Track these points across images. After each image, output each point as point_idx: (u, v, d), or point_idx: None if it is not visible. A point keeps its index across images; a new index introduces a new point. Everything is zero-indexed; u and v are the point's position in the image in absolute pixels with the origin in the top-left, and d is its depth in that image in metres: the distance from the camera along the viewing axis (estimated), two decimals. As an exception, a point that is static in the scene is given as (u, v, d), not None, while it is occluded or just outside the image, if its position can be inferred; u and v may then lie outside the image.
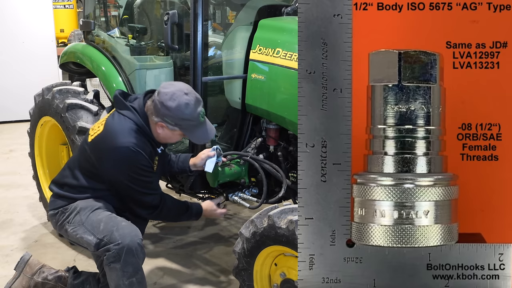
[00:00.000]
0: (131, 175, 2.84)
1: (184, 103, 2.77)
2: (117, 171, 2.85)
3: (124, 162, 2.81)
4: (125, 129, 2.83)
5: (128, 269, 2.74)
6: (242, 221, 4.56)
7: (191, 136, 2.98)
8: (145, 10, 4.43)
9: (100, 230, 2.79)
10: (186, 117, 2.80)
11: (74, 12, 11.99)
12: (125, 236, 2.74)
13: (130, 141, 2.79)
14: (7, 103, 8.56)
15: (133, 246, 2.74)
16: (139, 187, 2.89)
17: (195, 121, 2.84)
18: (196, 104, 2.82)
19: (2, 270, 3.78)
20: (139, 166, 2.83)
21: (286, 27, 3.30)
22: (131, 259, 2.74)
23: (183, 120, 2.81)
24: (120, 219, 2.86)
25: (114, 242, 2.73)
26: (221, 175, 3.28)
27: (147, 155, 2.85)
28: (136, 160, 2.81)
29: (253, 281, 2.81)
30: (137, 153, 2.79)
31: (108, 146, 2.83)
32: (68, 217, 2.93)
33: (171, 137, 2.95)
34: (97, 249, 2.79)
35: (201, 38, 3.26)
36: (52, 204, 3.03)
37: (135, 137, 2.82)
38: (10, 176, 5.95)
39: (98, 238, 2.78)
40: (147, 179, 2.90)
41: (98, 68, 4.17)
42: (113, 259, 2.73)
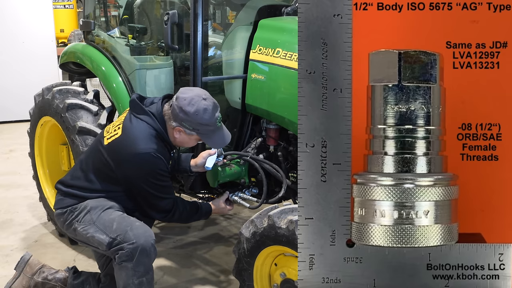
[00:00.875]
0: (150, 180, 2.87)
1: (202, 108, 2.81)
2: (136, 176, 2.88)
3: (145, 168, 2.85)
4: (145, 135, 2.86)
5: (139, 268, 2.75)
6: (242, 221, 4.57)
7: (208, 141, 3.01)
8: (145, 10, 4.42)
9: (113, 230, 2.79)
10: (204, 122, 2.83)
11: (74, 12, 12.00)
12: (139, 236, 2.75)
13: (151, 147, 2.83)
14: (7, 103, 8.56)
15: (147, 246, 2.75)
16: (157, 191, 2.92)
17: (213, 126, 2.87)
18: (214, 110, 2.85)
19: (2, 270, 3.78)
20: (158, 171, 2.87)
21: (286, 27, 3.29)
22: (144, 259, 2.75)
23: (201, 125, 2.85)
24: (133, 219, 2.87)
25: (128, 241, 2.74)
26: (221, 175, 3.28)
27: (166, 160, 2.90)
28: (156, 166, 2.85)
29: (253, 281, 2.81)
30: (157, 159, 2.84)
31: (129, 151, 2.85)
32: (78, 216, 2.92)
33: (188, 142, 3.00)
34: (109, 248, 2.78)
35: (201, 38, 3.26)
36: (60, 203, 3.02)
37: (155, 142, 2.86)
38: (10, 176, 5.95)
39: (111, 237, 2.78)
40: (164, 184, 2.95)
41: (98, 68, 4.17)
42: (126, 258, 2.73)
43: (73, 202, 2.97)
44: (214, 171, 3.23)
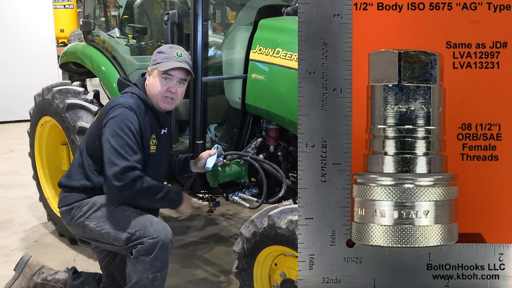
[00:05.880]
0: (116, 131, 2.78)
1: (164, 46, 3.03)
2: (107, 127, 2.81)
3: (115, 118, 2.81)
4: (125, 96, 2.96)
5: (156, 263, 2.73)
6: (242, 221, 4.57)
7: (162, 66, 2.91)
8: (145, 10, 4.43)
9: (132, 225, 2.77)
10: (160, 50, 2.97)
11: (74, 12, 12.01)
12: (160, 231, 2.74)
13: (127, 102, 2.87)
14: (7, 103, 8.56)
15: (167, 241, 2.74)
16: (119, 146, 2.75)
17: (168, 53, 2.94)
18: (174, 46, 2.99)
19: (2, 270, 3.78)
20: (126, 122, 2.79)
21: (286, 27, 3.30)
22: (163, 254, 2.74)
23: (158, 54, 2.96)
24: (150, 215, 2.85)
25: (149, 236, 2.72)
26: (221, 175, 3.28)
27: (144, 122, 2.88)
28: (126, 117, 2.80)
29: (253, 281, 2.81)
30: (130, 111, 2.83)
31: (107, 107, 2.92)
32: (86, 213, 2.90)
33: (153, 83, 2.94)
34: (127, 243, 2.76)
35: (201, 38, 3.26)
36: (64, 200, 3.00)
37: (134, 102, 2.89)
38: (10, 176, 5.96)
39: (129, 233, 2.76)
40: (128, 141, 2.77)
41: (98, 68, 4.17)
42: (145, 252, 2.72)
43: (78, 198, 2.95)
44: (214, 171, 3.23)
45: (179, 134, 3.88)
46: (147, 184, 2.77)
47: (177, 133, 3.84)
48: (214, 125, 3.66)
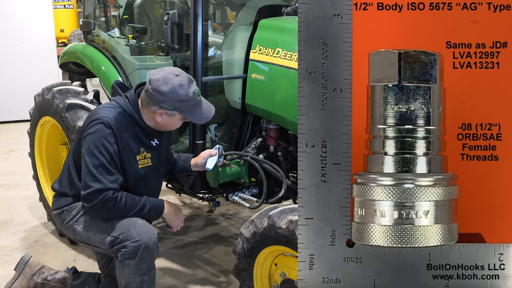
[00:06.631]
0: (90, 148, 2.73)
1: (177, 84, 2.74)
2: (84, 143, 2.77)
3: (91, 134, 2.75)
4: (107, 108, 2.84)
5: (142, 266, 2.73)
6: (242, 221, 4.56)
7: (191, 117, 2.89)
8: (145, 10, 4.43)
9: (115, 228, 2.76)
10: (182, 99, 2.76)
11: (74, 12, 11.99)
12: (142, 234, 2.73)
13: (107, 117, 2.77)
14: (7, 103, 8.56)
15: (150, 244, 2.73)
16: (91, 165, 2.70)
17: (192, 101, 2.80)
18: (189, 84, 2.79)
19: (2, 270, 3.78)
20: (103, 141, 2.72)
21: (286, 27, 3.30)
22: (147, 256, 2.73)
23: (180, 102, 2.77)
24: (134, 218, 2.82)
25: (131, 239, 2.71)
26: (221, 175, 3.28)
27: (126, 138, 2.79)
28: (103, 135, 2.73)
29: (253, 281, 2.81)
30: (107, 128, 2.73)
31: (87, 120, 2.85)
32: (75, 216, 2.91)
33: (172, 123, 2.90)
34: (112, 246, 2.76)
35: (201, 38, 3.26)
36: (56, 204, 3.02)
37: (114, 117, 2.78)
38: (10, 176, 5.95)
39: (113, 236, 2.76)
40: (103, 161, 2.71)
41: (98, 68, 4.17)
42: (129, 255, 2.72)
43: (67, 202, 2.96)
44: (214, 171, 3.23)
45: (179, 134, 3.88)
46: (121, 204, 2.75)
47: (177, 133, 3.84)
48: (214, 125, 3.66)
